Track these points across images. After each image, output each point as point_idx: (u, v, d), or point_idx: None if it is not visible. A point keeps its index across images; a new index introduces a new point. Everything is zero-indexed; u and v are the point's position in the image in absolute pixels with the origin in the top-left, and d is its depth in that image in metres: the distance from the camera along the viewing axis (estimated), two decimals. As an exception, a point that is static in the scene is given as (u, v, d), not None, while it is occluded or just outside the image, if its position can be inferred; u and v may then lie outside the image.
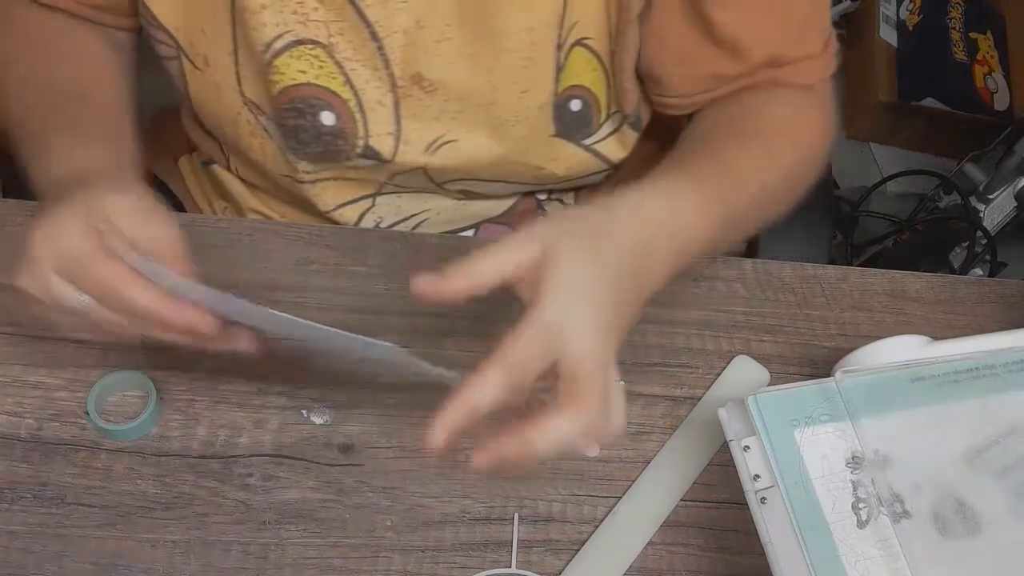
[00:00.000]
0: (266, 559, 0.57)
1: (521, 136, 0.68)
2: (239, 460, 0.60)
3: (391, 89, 0.66)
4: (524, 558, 0.59)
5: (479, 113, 0.67)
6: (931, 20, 1.78)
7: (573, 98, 0.68)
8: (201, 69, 0.68)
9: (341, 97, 0.66)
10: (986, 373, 0.58)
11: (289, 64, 0.65)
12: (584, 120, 0.69)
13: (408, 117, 0.68)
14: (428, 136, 0.69)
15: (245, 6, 0.63)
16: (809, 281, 0.73)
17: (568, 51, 0.66)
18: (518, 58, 0.65)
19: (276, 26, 0.63)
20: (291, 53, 0.64)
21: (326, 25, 0.64)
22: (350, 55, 0.65)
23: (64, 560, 0.56)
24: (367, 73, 0.66)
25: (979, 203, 1.52)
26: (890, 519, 0.53)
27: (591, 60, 0.67)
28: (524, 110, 0.67)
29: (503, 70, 0.65)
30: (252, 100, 0.68)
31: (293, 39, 0.64)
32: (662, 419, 0.65)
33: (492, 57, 0.65)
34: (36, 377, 0.62)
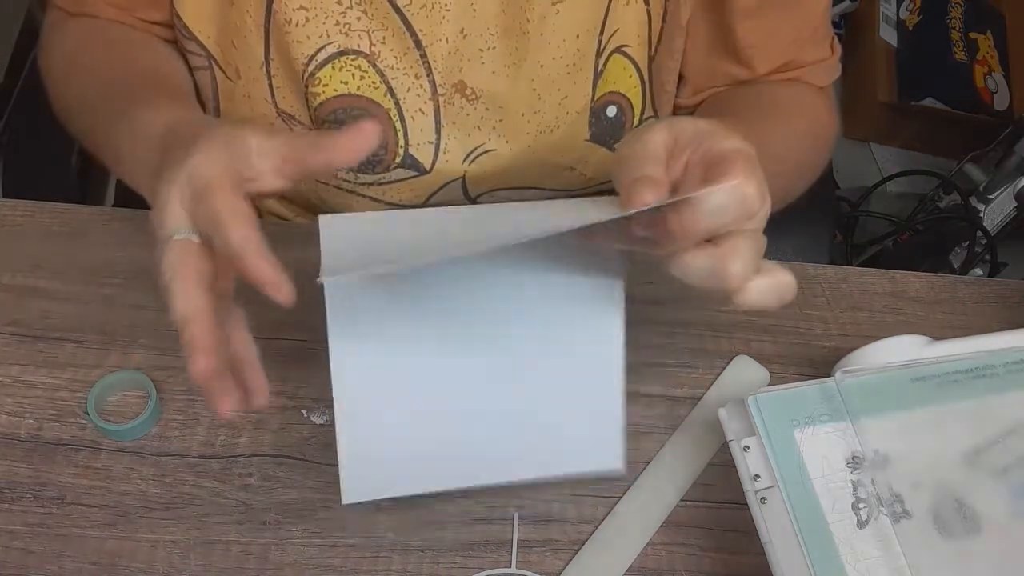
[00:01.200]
0: (266, 559, 0.57)
1: (557, 141, 0.69)
2: (239, 460, 0.60)
3: (432, 97, 0.66)
4: (524, 558, 0.59)
5: (519, 121, 0.68)
6: (931, 20, 1.78)
7: (610, 104, 0.69)
8: (233, 80, 0.68)
9: (383, 107, 0.66)
10: (986, 373, 0.58)
11: (332, 76, 0.65)
12: (618, 125, 0.70)
13: (448, 125, 0.68)
14: (468, 145, 0.69)
15: (287, 18, 0.63)
16: (809, 281, 0.73)
17: (607, 58, 0.67)
18: (563, 65, 0.65)
19: (319, 38, 0.63)
20: (334, 64, 0.64)
21: (368, 34, 0.64)
22: (393, 63, 0.65)
23: (64, 560, 0.56)
24: (409, 81, 0.66)
25: (979, 203, 1.52)
26: (890, 519, 0.53)
27: (628, 67, 0.68)
28: (564, 116, 0.68)
29: (547, 77, 0.66)
30: (287, 112, 0.68)
31: (336, 50, 0.64)
32: (662, 419, 0.65)
33: (536, 65, 0.65)
34: (36, 377, 0.62)
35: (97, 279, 0.66)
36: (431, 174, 0.69)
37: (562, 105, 0.67)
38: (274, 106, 0.68)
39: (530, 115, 0.67)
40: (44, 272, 0.66)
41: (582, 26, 0.64)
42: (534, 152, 0.69)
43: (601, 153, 0.71)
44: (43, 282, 0.66)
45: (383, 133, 0.67)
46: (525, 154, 0.69)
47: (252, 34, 0.65)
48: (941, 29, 1.77)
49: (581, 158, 0.71)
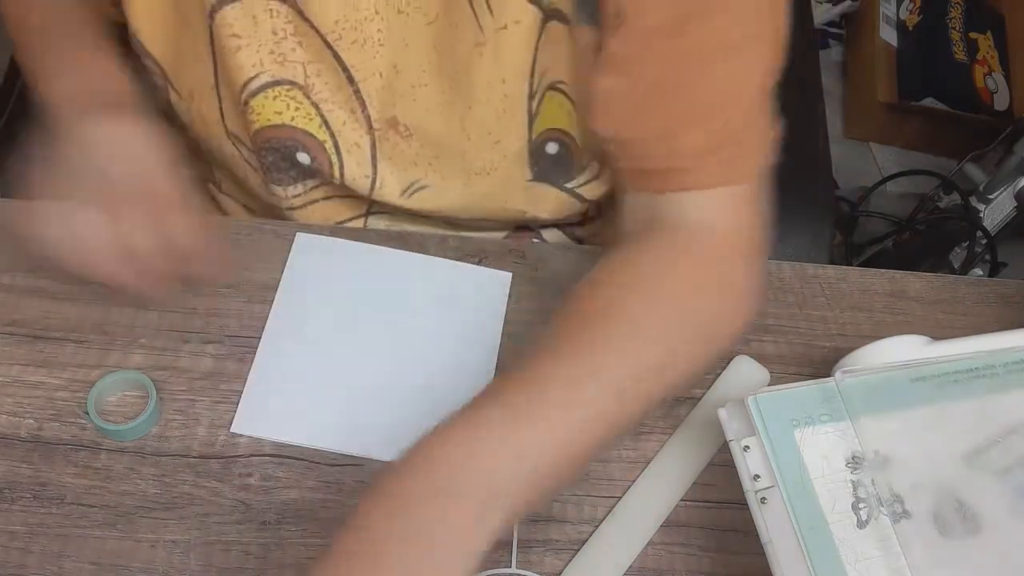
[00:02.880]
0: (266, 559, 0.57)
1: (496, 183, 0.68)
2: (239, 460, 0.60)
3: (368, 131, 0.66)
4: (524, 558, 0.59)
5: (455, 160, 0.67)
6: (931, 20, 1.78)
7: (549, 140, 0.66)
8: (187, 100, 0.68)
9: (317, 139, 0.66)
10: (986, 373, 0.58)
11: (264, 105, 0.64)
12: (563, 162, 0.68)
13: (384, 160, 0.67)
14: (404, 180, 0.68)
15: (224, 45, 0.62)
16: (809, 281, 0.73)
17: (541, 97, 0.64)
18: (491, 110, 0.64)
19: (253, 66, 0.63)
20: (266, 94, 0.64)
21: (304, 66, 0.63)
22: (327, 96, 0.64)
23: (64, 560, 0.56)
24: (344, 115, 0.65)
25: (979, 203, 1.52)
26: (890, 519, 0.53)
27: (565, 103, 0.64)
28: (498, 159, 0.66)
29: (475, 120, 0.64)
30: (235, 134, 0.68)
31: (270, 79, 0.64)
32: (662, 419, 0.65)
33: (464, 107, 0.64)
34: (36, 377, 0.62)
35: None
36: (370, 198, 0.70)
37: (495, 149, 0.66)
38: (224, 127, 0.68)
39: (461, 155, 0.66)
40: (44, 272, 0.66)
41: (508, 71, 0.62)
42: (472, 192, 0.68)
43: (551, 193, 0.69)
44: (43, 282, 0.66)
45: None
46: (463, 193, 0.68)
47: (203, 57, 0.65)
48: (941, 29, 1.77)
49: (527, 201, 0.69)
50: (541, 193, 0.69)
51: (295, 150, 0.67)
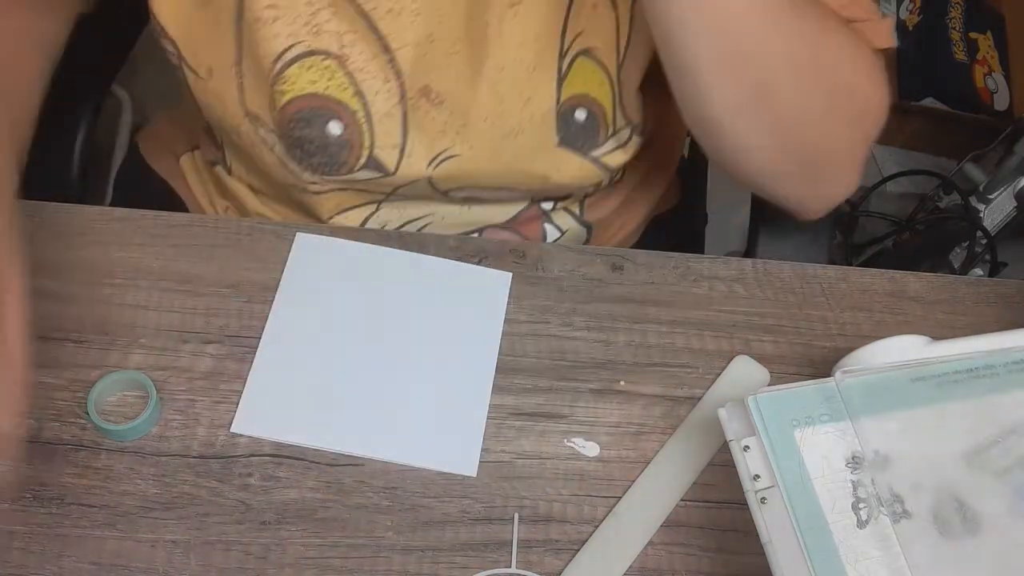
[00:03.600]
0: (266, 559, 0.57)
1: (524, 145, 0.68)
2: (239, 460, 0.60)
3: (400, 101, 0.66)
4: (524, 558, 0.59)
5: (483, 126, 0.67)
6: (931, 20, 1.78)
7: (578, 107, 0.68)
8: (205, 79, 0.68)
9: (350, 108, 0.66)
10: (986, 373, 0.58)
11: (300, 75, 0.65)
12: (590, 131, 0.69)
13: (414, 130, 0.68)
14: (432, 150, 0.69)
15: (257, 16, 0.63)
16: (809, 281, 0.73)
17: (572, 60, 0.66)
18: (523, 67, 0.65)
19: (288, 37, 0.64)
20: (302, 64, 0.64)
21: (339, 36, 0.64)
22: (361, 66, 0.65)
23: (64, 560, 0.56)
24: (377, 84, 0.66)
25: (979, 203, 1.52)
26: (890, 519, 0.53)
27: (597, 71, 0.67)
28: (528, 119, 0.67)
29: (508, 80, 0.65)
30: (253, 112, 0.68)
31: (304, 50, 0.64)
32: (662, 419, 0.65)
33: (497, 68, 0.65)
34: (36, 377, 0.62)
35: (97, 279, 0.66)
36: (395, 176, 0.70)
37: (525, 108, 0.67)
38: (242, 105, 0.68)
39: (493, 119, 0.67)
40: (44, 272, 0.66)
41: (542, 26, 0.64)
42: (499, 157, 0.69)
43: (575, 161, 0.70)
44: (43, 282, 0.66)
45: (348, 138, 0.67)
46: (490, 159, 0.69)
47: (225, 33, 0.65)
48: (941, 29, 1.77)
49: (552, 165, 0.70)
50: (566, 158, 0.70)
51: (328, 119, 0.67)
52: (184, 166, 0.86)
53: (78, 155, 0.83)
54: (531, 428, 0.63)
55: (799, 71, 0.57)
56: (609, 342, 0.68)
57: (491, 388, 0.65)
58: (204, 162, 0.83)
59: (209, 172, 0.82)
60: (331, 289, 0.67)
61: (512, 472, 0.62)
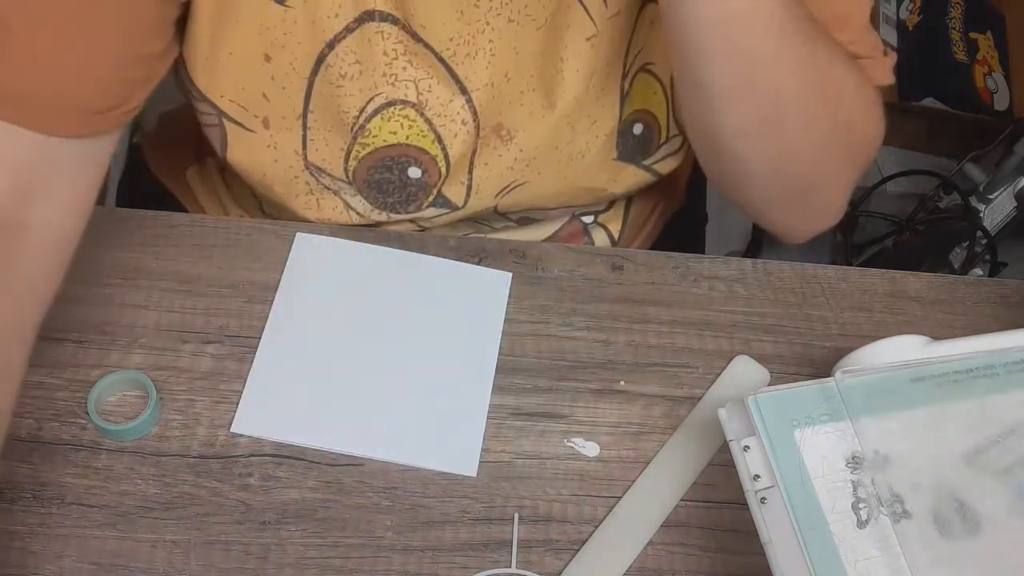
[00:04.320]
0: (266, 559, 0.57)
1: (587, 164, 0.69)
2: (239, 460, 0.60)
3: (475, 140, 0.67)
4: (524, 558, 0.59)
5: (552, 155, 0.68)
6: (931, 20, 1.78)
7: (636, 122, 0.69)
8: (256, 132, 0.66)
9: (430, 153, 0.67)
10: (986, 373, 0.58)
11: (381, 127, 0.65)
12: (645, 142, 0.70)
13: (481, 166, 0.68)
14: (501, 182, 0.69)
15: (341, 72, 0.62)
16: (809, 281, 0.73)
17: (633, 78, 0.66)
18: (593, 94, 0.65)
19: (369, 90, 0.63)
20: (383, 115, 0.64)
21: (416, 83, 0.64)
22: (439, 111, 0.65)
23: (64, 560, 0.56)
24: (456, 127, 0.66)
25: (979, 203, 1.52)
26: (890, 519, 0.53)
27: (653, 84, 0.67)
28: (593, 140, 0.68)
29: (579, 108, 0.66)
30: (315, 164, 0.67)
31: (384, 101, 0.64)
32: (662, 419, 0.65)
33: (571, 100, 0.65)
34: (36, 377, 0.62)
35: (97, 279, 0.66)
36: (462, 210, 0.71)
37: (591, 130, 0.68)
38: (303, 158, 0.67)
39: (563, 146, 0.68)
40: (44, 272, 0.66)
41: (610, 53, 0.64)
42: (565, 178, 0.70)
43: (629, 171, 0.71)
44: (43, 282, 0.66)
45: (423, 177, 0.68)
46: (556, 181, 0.70)
47: (293, 86, 0.63)
48: (941, 29, 1.77)
49: (610, 178, 0.71)
50: (622, 170, 0.71)
51: (407, 165, 0.67)
52: (191, 179, 0.85)
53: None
54: (531, 428, 0.64)
55: (806, 102, 0.58)
56: (609, 342, 0.68)
57: (491, 388, 0.65)
58: (215, 167, 0.82)
59: (220, 177, 0.82)
60: (331, 289, 0.67)
61: (512, 472, 0.62)
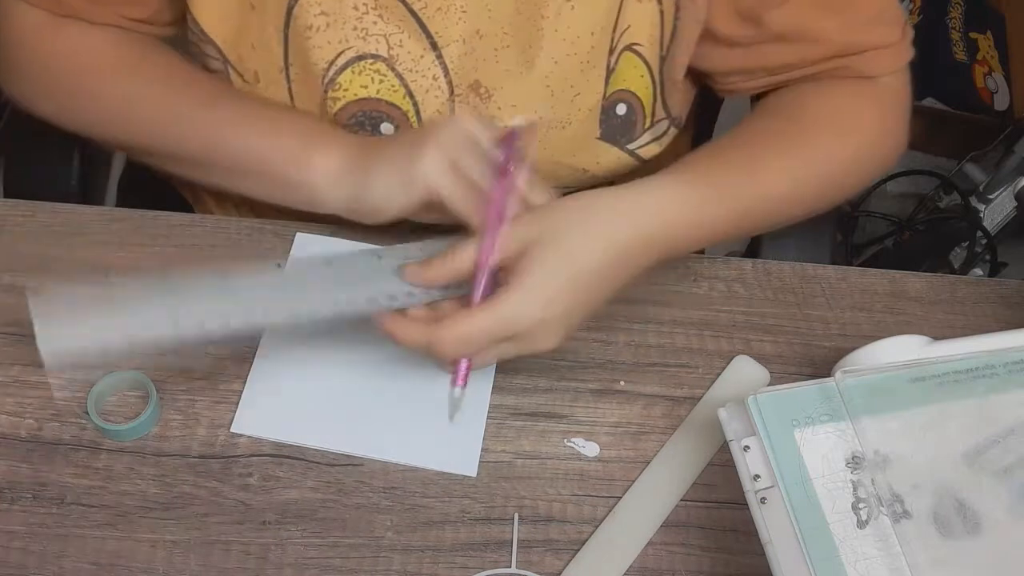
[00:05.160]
0: (266, 559, 0.57)
1: (569, 138, 0.69)
2: (239, 460, 0.60)
3: (449, 98, 0.67)
4: (524, 558, 0.59)
5: (532, 117, 0.67)
6: (931, 20, 1.78)
7: (620, 102, 0.69)
8: (252, 84, 0.68)
9: (401, 109, 0.67)
10: (986, 373, 0.58)
11: (352, 80, 0.65)
12: (628, 124, 0.70)
13: None
14: None
15: (308, 24, 0.63)
16: (809, 281, 0.73)
17: (619, 55, 0.66)
18: (576, 61, 0.66)
19: (339, 43, 0.64)
20: (353, 69, 0.65)
21: (386, 38, 0.64)
22: (410, 66, 0.65)
23: (64, 560, 0.56)
24: (427, 82, 0.66)
25: (979, 203, 1.52)
26: (890, 519, 0.53)
27: (640, 66, 0.68)
28: (575, 112, 0.68)
29: (560, 73, 0.66)
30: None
31: (354, 55, 0.64)
32: (662, 419, 0.65)
33: (550, 62, 0.65)
34: (36, 377, 0.62)
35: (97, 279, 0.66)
36: None
37: (574, 102, 0.67)
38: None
39: (542, 111, 0.67)
40: (44, 272, 0.66)
41: (596, 23, 0.64)
42: (545, 149, 0.69)
43: (613, 153, 0.71)
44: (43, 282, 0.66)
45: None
46: (538, 150, 0.69)
47: (272, 39, 0.65)
48: (941, 29, 1.77)
49: (592, 158, 0.71)
50: (604, 151, 0.71)
51: (380, 121, 0.67)
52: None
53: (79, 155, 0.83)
54: (531, 428, 0.64)
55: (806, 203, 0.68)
56: (609, 342, 0.68)
57: (491, 388, 0.65)
58: None
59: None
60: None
61: (512, 472, 0.62)
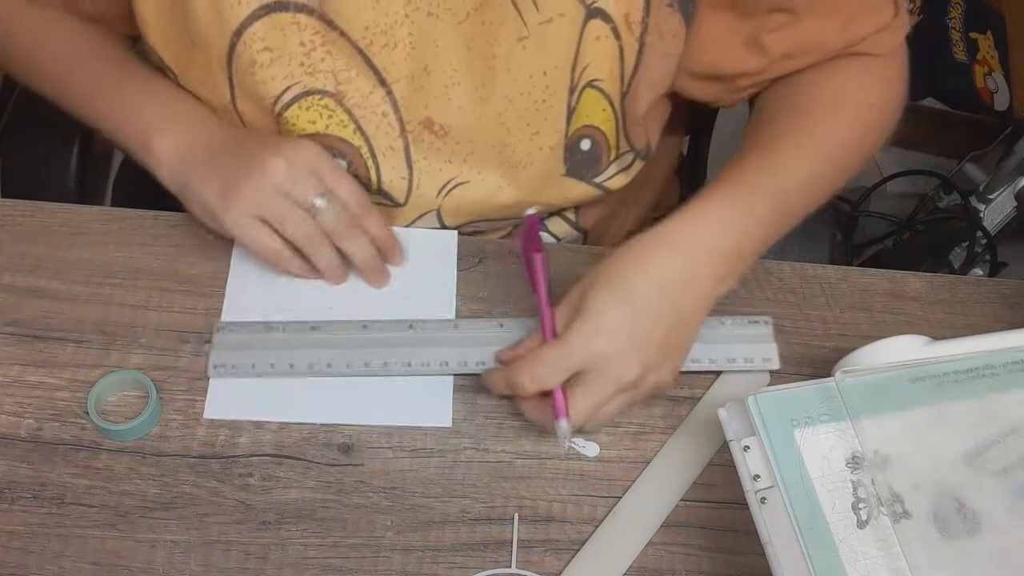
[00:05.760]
0: (266, 559, 0.57)
1: (533, 177, 0.69)
2: (239, 460, 0.60)
3: (400, 134, 0.67)
4: (524, 558, 0.59)
5: (491, 154, 0.68)
6: (931, 20, 1.78)
7: (584, 137, 0.68)
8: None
9: (353, 145, 0.67)
10: (986, 373, 0.58)
11: (299, 115, 0.65)
12: (593, 158, 0.70)
13: (420, 160, 0.68)
14: (440, 179, 0.69)
15: (252, 60, 0.63)
16: (809, 281, 0.73)
17: (580, 92, 0.66)
18: (531, 101, 0.65)
19: (284, 79, 0.63)
20: (300, 104, 0.64)
21: (334, 74, 0.64)
22: (359, 102, 0.65)
23: (64, 560, 0.56)
24: (377, 119, 0.66)
25: (979, 203, 1.52)
26: (890, 519, 0.53)
27: (601, 101, 0.67)
28: (535, 151, 0.68)
29: (516, 112, 0.65)
30: None
31: (301, 91, 0.64)
32: (662, 419, 0.65)
33: (504, 100, 0.65)
34: (36, 377, 0.62)
35: (97, 279, 0.66)
36: (406, 207, 0.70)
37: (533, 140, 0.67)
38: None
39: (500, 147, 0.67)
40: (44, 272, 0.66)
41: (550, 63, 0.63)
42: (508, 185, 0.69)
43: (580, 187, 0.71)
44: (43, 282, 0.66)
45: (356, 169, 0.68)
46: (499, 186, 0.69)
47: (217, 75, 0.65)
48: (941, 29, 1.77)
49: (559, 194, 0.71)
50: (570, 186, 0.71)
51: (332, 156, 0.67)
52: None
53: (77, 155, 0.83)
54: (531, 428, 0.63)
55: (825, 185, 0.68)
56: (609, 342, 0.68)
57: None
58: None
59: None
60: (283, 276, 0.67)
61: (512, 472, 0.62)
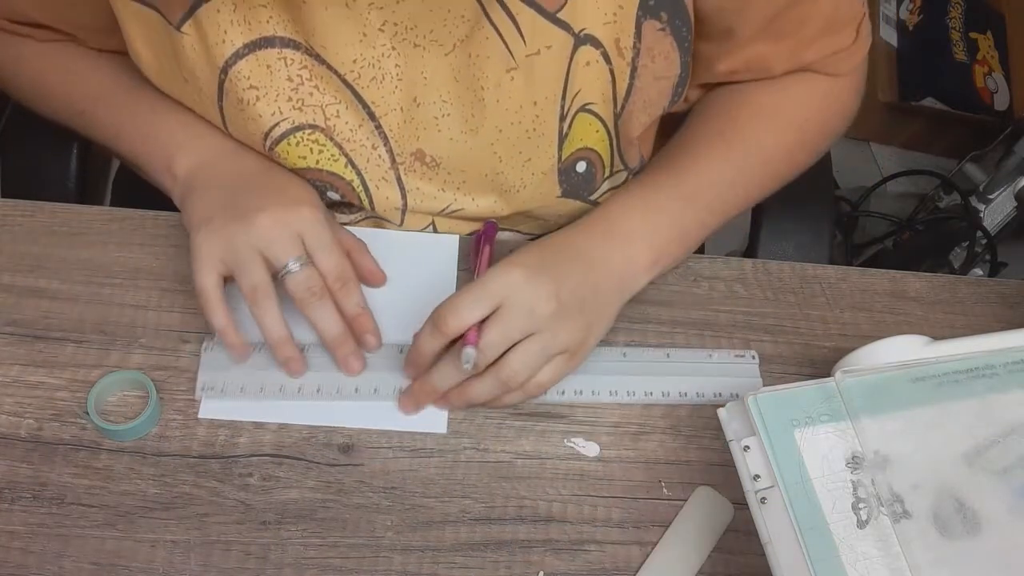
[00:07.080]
0: (266, 559, 0.57)
1: (527, 198, 0.69)
2: (239, 460, 0.60)
3: (392, 166, 0.67)
4: (524, 558, 0.59)
5: (483, 182, 0.68)
6: (931, 20, 1.78)
7: (580, 160, 0.68)
8: None
9: (344, 178, 0.67)
10: (986, 373, 0.58)
11: (289, 151, 0.65)
12: (589, 178, 0.70)
13: (413, 190, 0.68)
14: (435, 205, 0.69)
15: (239, 97, 0.63)
16: (809, 281, 0.73)
17: (572, 119, 0.66)
18: (522, 130, 0.65)
19: (272, 115, 0.63)
20: (289, 140, 0.64)
21: (323, 109, 0.64)
22: (349, 136, 0.65)
23: (64, 560, 0.56)
24: (367, 152, 0.66)
25: (979, 203, 1.52)
26: (890, 519, 0.53)
27: (595, 123, 0.67)
28: (528, 177, 0.68)
29: (506, 141, 0.65)
30: None
31: (290, 126, 0.64)
32: (662, 419, 0.65)
33: (495, 130, 0.65)
34: (36, 377, 0.62)
35: (97, 279, 0.66)
36: (402, 227, 0.71)
37: (526, 167, 0.67)
38: None
39: (493, 176, 0.67)
40: (44, 272, 0.66)
41: (540, 94, 0.63)
42: (504, 207, 0.69)
43: (576, 206, 0.71)
44: (43, 282, 0.66)
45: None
46: (497, 206, 0.69)
47: (210, 111, 0.65)
48: (941, 29, 1.77)
49: (554, 211, 0.72)
50: (567, 206, 0.71)
51: (325, 190, 0.67)
52: None
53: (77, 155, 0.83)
54: (531, 428, 0.64)
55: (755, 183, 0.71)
56: (609, 342, 0.68)
57: None
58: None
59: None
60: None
61: (512, 472, 0.62)
